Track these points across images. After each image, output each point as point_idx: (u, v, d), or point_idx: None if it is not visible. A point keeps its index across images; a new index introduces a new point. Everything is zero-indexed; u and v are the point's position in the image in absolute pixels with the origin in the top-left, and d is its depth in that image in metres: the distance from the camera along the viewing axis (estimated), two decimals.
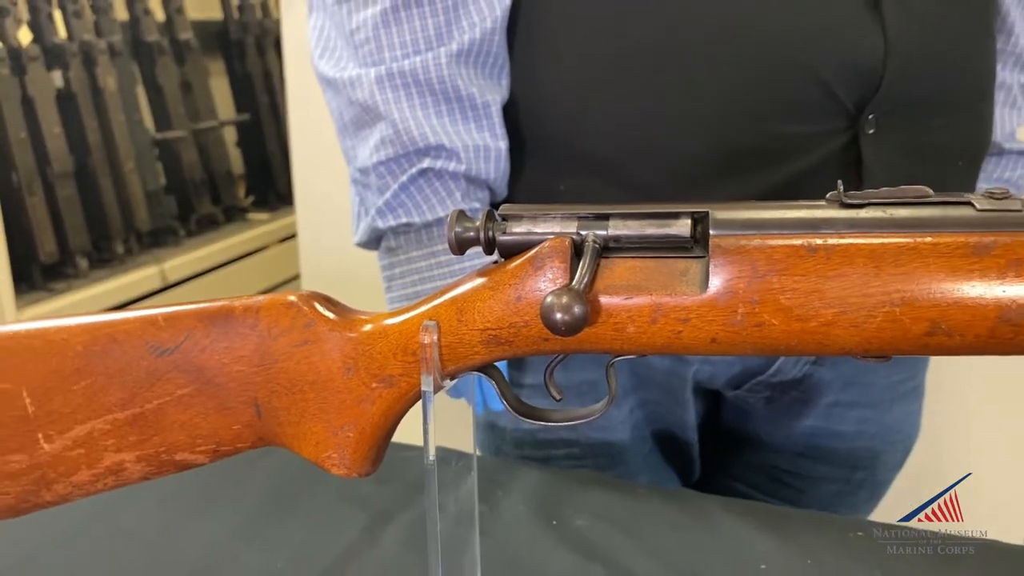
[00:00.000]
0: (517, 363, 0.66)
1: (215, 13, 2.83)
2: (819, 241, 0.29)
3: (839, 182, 0.31)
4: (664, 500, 0.59)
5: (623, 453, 0.69)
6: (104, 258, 2.32)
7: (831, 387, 0.68)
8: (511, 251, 0.33)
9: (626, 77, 0.56)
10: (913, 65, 0.57)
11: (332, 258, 1.59)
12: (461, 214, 0.33)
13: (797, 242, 0.29)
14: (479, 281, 0.34)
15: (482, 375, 0.35)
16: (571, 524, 0.55)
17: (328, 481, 0.61)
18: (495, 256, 0.42)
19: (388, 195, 0.59)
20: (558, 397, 0.35)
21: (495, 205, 0.60)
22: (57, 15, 2.25)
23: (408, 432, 0.55)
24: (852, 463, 0.74)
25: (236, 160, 2.87)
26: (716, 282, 0.30)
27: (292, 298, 0.37)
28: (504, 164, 0.60)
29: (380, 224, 0.60)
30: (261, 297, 0.37)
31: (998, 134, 0.76)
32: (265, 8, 2.98)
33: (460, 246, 0.34)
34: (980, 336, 0.28)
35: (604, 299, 0.31)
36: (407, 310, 0.35)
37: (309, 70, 1.62)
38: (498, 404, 0.61)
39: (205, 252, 2.57)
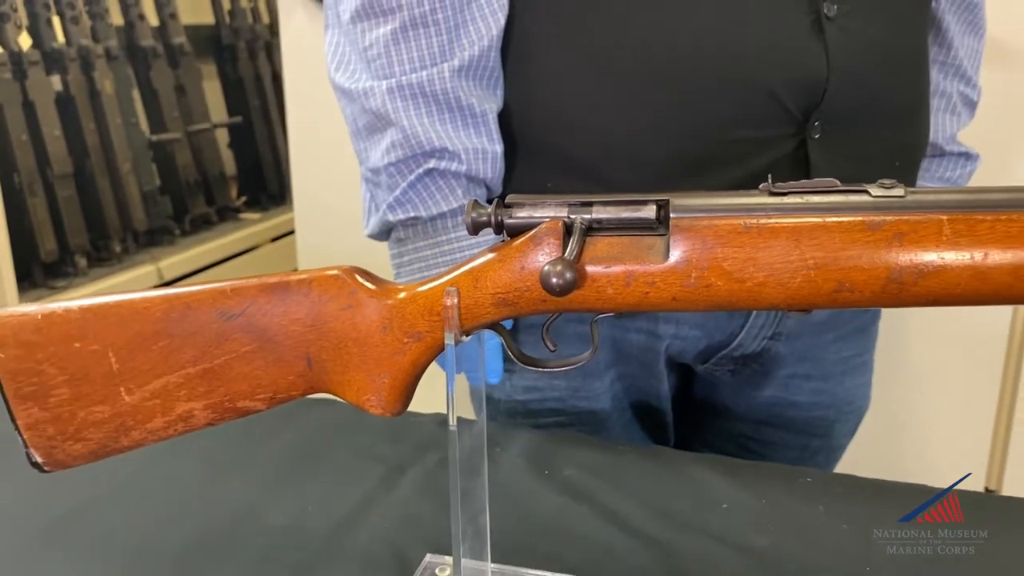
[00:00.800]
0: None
1: (207, 18, 2.90)
2: (752, 221, 0.38)
3: (768, 176, 0.40)
4: (640, 455, 0.68)
5: (605, 421, 0.78)
6: (102, 257, 2.39)
7: (787, 360, 0.78)
8: (515, 231, 0.42)
9: (604, 93, 0.65)
10: (852, 80, 0.66)
11: (328, 253, 1.67)
12: (476, 203, 0.42)
13: (736, 222, 0.38)
14: (490, 256, 0.43)
15: (496, 332, 0.44)
16: (560, 473, 0.64)
17: (346, 441, 0.70)
18: (490, 241, 0.50)
19: (398, 192, 0.68)
20: (552, 348, 0.44)
21: (490, 200, 0.69)
22: (56, 21, 2.31)
23: (415, 402, 0.63)
24: (809, 430, 0.83)
25: (228, 161, 2.93)
26: (675, 253, 0.39)
27: (337, 272, 0.45)
28: (500, 165, 0.68)
29: (391, 217, 0.69)
30: (313, 271, 0.45)
31: (940, 137, 0.85)
32: (256, 14, 3.05)
33: (475, 228, 0.42)
34: (875, 292, 0.37)
35: (589, 268, 0.40)
36: (433, 279, 0.44)
37: (306, 73, 1.71)
38: (495, 377, 0.70)
39: (199, 251, 2.64)
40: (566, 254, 0.39)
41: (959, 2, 0.84)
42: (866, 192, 0.38)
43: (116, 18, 2.53)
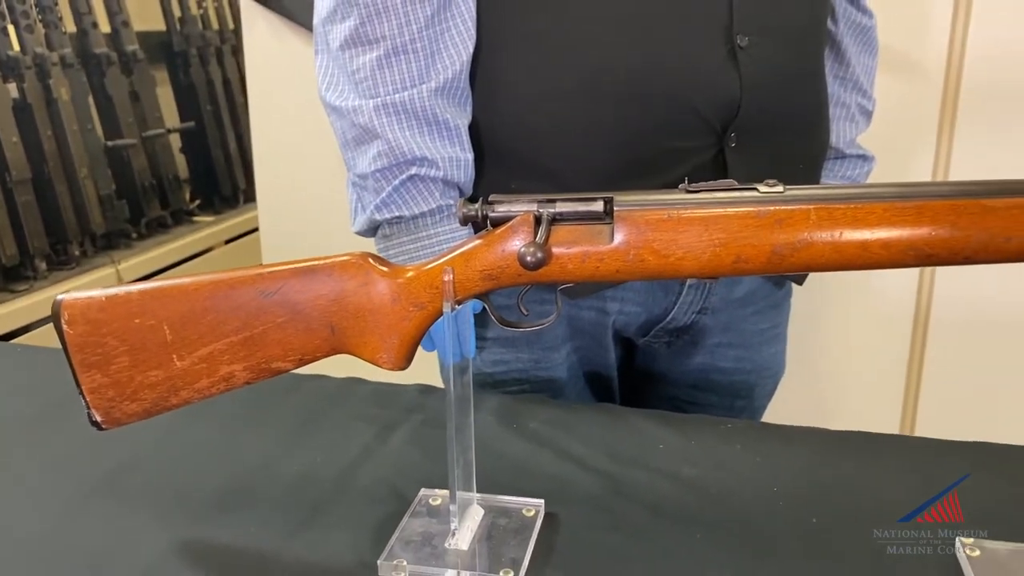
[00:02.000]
0: (482, 321, 0.87)
1: (158, 25, 2.95)
2: (674, 212, 0.51)
3: (686, 178, 0.53)
4: (592, 411, 0.81)
5: (562, 388, 0.91)
6: (62, 260, 2.44)
7: (713, 332, 0.92)
8: (497, 222, 0.55)
9: (558, 110, 0.78)
10: (761, 98, 0.80)
11: (291, 252, 1.77)
12: (466, 201, 0.55)
13: (662, 213, 0.51)
14: (478, 241, 0.55)
15: (482, 301, 0.57)
16: (527, 426, 0.77)
17: (341, 407, 0.81)
18: (462, 235, 0.63)
19: (384, 195, 0.80)
20: (526, 312, 0.57)
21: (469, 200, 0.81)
22: (11, 29, 2.35)
23: (395, 375, 0.75)
24: (733, 393, 0.97)
25: (181, 165, 2.99)
26: (618, 237, 0.52)
27: (354, 257, 0.57)
28: (471, 171, 0.81)
29: (378, 217, 0.81)
30: (335, 257, 0.57)
31: (841, 142, 1.00)
32: (206, 20, 3.11)
33: (465, 220, 0.55)
34: (763, 262, 0.50)
35: (554, 249, 0.53)
36: (432, 261, 0.56)
37: (268, 78, 1.80)
38: (471, 351, 0.82)
39: (156, 253, 2.69)
40: (537, 239, 0.52)
41: (854, 26, 0.99)
42: (755, 189, 0.51)
43: (69, 26, 2.57)
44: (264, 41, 1.71)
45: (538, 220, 0.53)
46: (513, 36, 0.80)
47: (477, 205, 0.54)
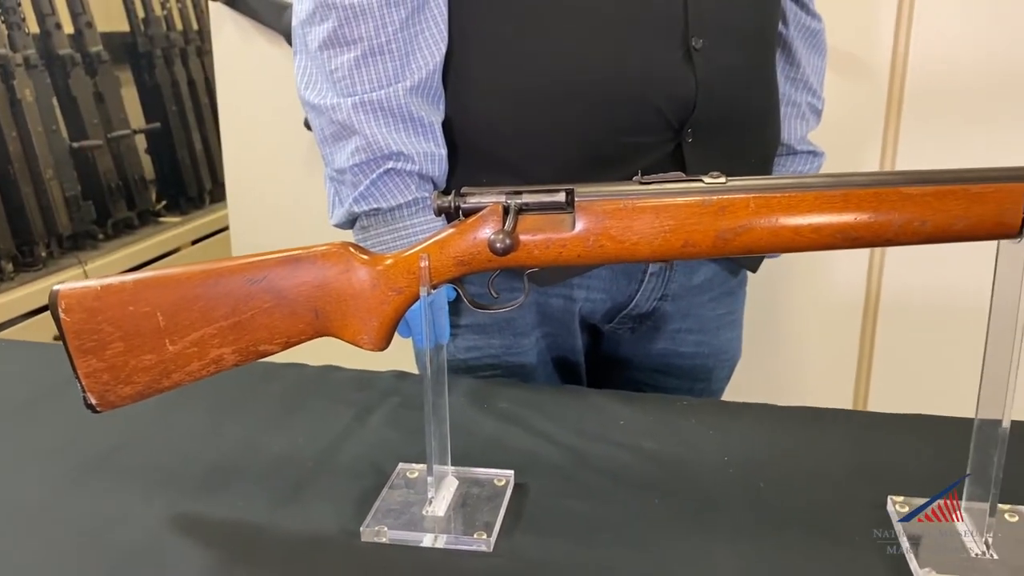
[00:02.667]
0: (455, 309, 0.92)
1: (122, 26, 2.95)
2: (629, 202, 0.56)
3: (639, 171, 0.58)
4: (558, 391, 0.86)
5: (532, 373, 0.96)
6: (28, 262, 2.43)
7: (673, 317, 0.97)
8: (469, 213, 0.59)
9: (525, 107, 0.83)
10: (715, 97, 0.86)
11: (262, 246, 1.81)
12: (441, 193, 0.59)
13: (618, 202, 0.57)
14: (451, 230, 0.60)
15: (454, 286, 0.61)
16: (496, 406, 0.82)
17: (319, 392, 0.86)
18: (435, 225, 0.68)
19: (362, 188, 0.84)
20: (496, 295, 0.62)
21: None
22: None
23: (371, 363, 0.80)
24: (693, 376, 1.03)
25: (148, 166, 2.99)
26: (579, 225, 0.57)
27: (336, 246, 0.62)
28: (444, 165, 0.85)
29: (356, 209, 0.85)
30: (317, 246, 0.62)
31: (792, 139, 1.06)
32: (170, 21, 3.11)
33: (439, 211, 0.59)
34: (708, 246, 0.56)
35: (521, 236, 0.58)
36: (409, 249, 0.61)
37: (237, 79, 1.82)
38: (444, 338, 0.87)
39: (123, 254, 2.70)
40: (505, 227, 0.57)
41: (804, 29, 1.05)
42: (701, 180, 0.57)
43: (33, 27, 2.56)
44: (232, 42, 1.74)
45: (506, 210, 0.58)
46: (482, 39, 0.85)
47: (450, 197, 0.59)
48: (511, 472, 0.69)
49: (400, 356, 0.87)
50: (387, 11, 0.81)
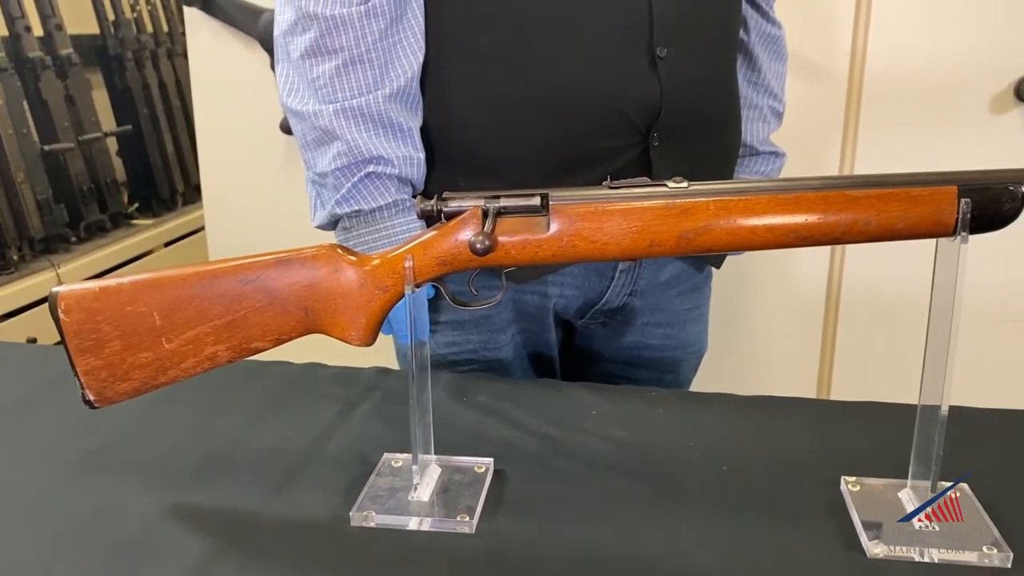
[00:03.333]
0: (435, 307, 0.96)
1: (92, 28, 2.94)
2: (599, 205, 0.61)
3: (608, 176, 0.63)
4: (533, 385, 0.91)
5: (508, 367, 1.00)
6: (0, 266, 2.43)
7: (642, 312, 1.02)
8: (450, 216, 0.63)
9: (501, 114, 0.87)
10: (679, 102, 0.90)
11: (238, 250, 1.83)
12: (423, 198, 0.63)
13: (589, 206, 0.61)
14: (434, 232, 0.64)
15: (437, 285, 0.65)
16: (476, 399, 0.86)
17: (305, 388, 0.89)
18: (415, 226, 0.72)
19: (343, 191, 0.88)
20: (475, 292, 0.66)
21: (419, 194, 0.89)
22: None
23: (353, 360, 0.83)
24: (661, 368, 1.08)
25: (119, 169, 2.99)
26: (553, 227, 0.62)
27: (325, 248, 0.65)
28: (423, 168, 0.89)
29: (338, 211, 0.89)
30: (307, 248, 0.65)
31: (755, 140, 1.12)
32: (140, 24, 3.11)
33: (423, 215, 0.63)
34: (672, 245, 0.60)
35: (500, 237, 0.62)
36: (394, 250, 0.65)
37: (212, 82, 1.84)
38: (424, 335, 0.90)
39: (96, 257, 2.70)
40: (485, 229, 0.61)
41: (765, 36, 1.11)
42: (665, 185, 0.62)
43: (1, 30, 2.55)
44: (207, 47, 1.76)
45: (485, 213, 0.62)
46: (458, 49, 0.89)
47: (432, 201, 0.63)
48: (491, 460, 0.73)
49: (380, 353, 0.90)
50: (366, 22, 0.85)
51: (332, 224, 0.91)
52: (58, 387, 0.89)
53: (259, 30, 1.70)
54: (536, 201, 0.62)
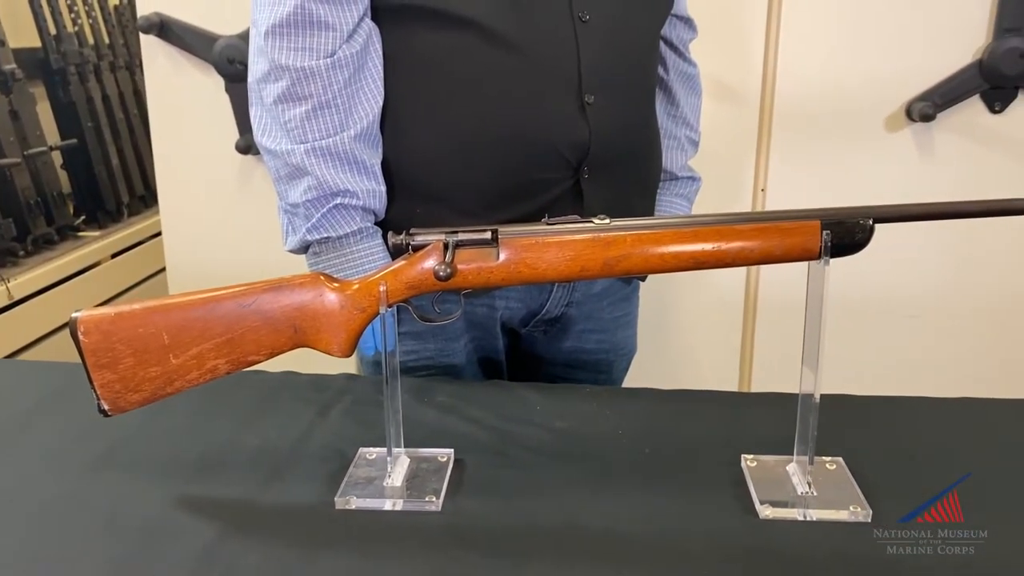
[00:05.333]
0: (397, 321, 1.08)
1: (34, 41, 2.96)
2: (539, 238, 0.75)
3: (546, 215, 0.77)
4: (485, 386, 1.04)
5: (461, 371, 1.13)
6: None
7: (579, 320, 1.16)
8: (417, 248, 0.77)
9: (451, 151, 1.00)
10: (606, 141, 1.04)
11: (195, 261, 1.92)
12: (393, 234, 0.76)
13: (531, 239, 0.75)
14: (403, 262, 0.77)
15: (405, 305, 0.78)
16: (435, 399, 0.99)
17: (283, 395, 1.01)
18: (377, 251, 0.87)
19: (314, 220, 1.00)
20: (438, 311, 0.79)
21: (383, 222, 1.02)
22: None
23: (322, 368, 0.95)
24: (597, 369, 1.22)
25: (65, 182, 3.02)
26: (502, 256, 0.75)
27: (311, 277, 0.78)
28: (384, 199, 1.02)
29: (309, 238, 1.01)
30: (296, 277, 0.78)
31: (674, 167, 1.26)
32: (81, 38, 3.13)
33: (394, 248, 0.76)
34: (599, 270, 0.74)
35: (458, 266, 0.75)
36: (369, 277, 0.78)
37: (169, 106, 1.91)
38: (392, 344, 1.03)
39: (45, 270, 2.73)
40: (446, 260, 0.74)
41: (682, 74, 1.26)
42: (592, 221, 0.76)
43: None
44: (164, 72, 1.85)
45: (446, 246, 0.76)
46: (413, 95, 1.01)
47: (402, 236, 0.76)
48: (451, 450, 0.87)
49: (338, 362, 1.02)
50: (332, 73, 0.97)
51: (303, 249, 1.03)
52: (60, 400, 0.99)
53: (214, 55, 1.79)
54: (488, 235, 0.76)
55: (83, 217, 3.07)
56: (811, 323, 0.77)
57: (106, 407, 0.79)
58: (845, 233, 0.73)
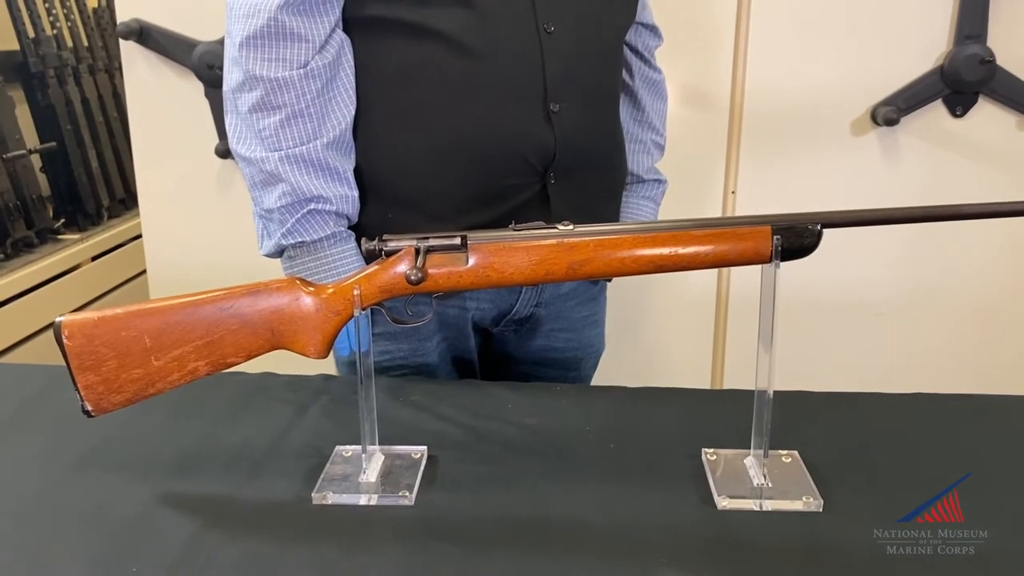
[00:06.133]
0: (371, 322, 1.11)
1: (12, 44, 2.97)
2: (506, 243, 0.78)
3: (512, 221, 0.80)
4: (458, 384, 1.08)
5: (434, 371, 1.17)
6: None
7: (547, 319, 1.20)
8: (390, 253, 0.80)
9: (421, 158, 1.04)
10: (571, 147, 1.08)
11: (175, 263, 1.94)
12: (367, 240, 0.80)
13: (499, 245, 0.78)
14: (377, 267, 0.80)
15: (378, 308, 0.82)
16: (409, 398, 1.02)
17: (261, 395, 1.04)
18: (350, 253, 0.90)
19: (288, 225, 1.03)
20: (411, 313, 0.83)
21: (356, 227, 1.05)
22: None
23: (300, 369, 0.99)
24: (566, 367, 1.26)
25: (44, 185, 3.02)
26: (471, 261, 0.79)
27: (287, 281, 0.81)
28: (357, 204, 1.05)
29: (284, 242, 1.04)
30: (273, 282, 0.81)
31: (640, 169, 1.31)
32: (60, 41, 3.14)
33: (367, 253, 0.80)
34: (563, 274, 0.78)
35: (430, 270, 0.79)
36: (344, 281, 0.81)
37: (149, 111, 1.94)
38: (365, 346, 1.06)
39: (24, 273, 2.74)
40: (417, 264, 0.78)
41: (647, 80, 1.30)
42: (556, 227, 0.80)
43: None
44: (144, 77, 1.87)
45: (418, 251, 0.79)
46: (383, 104, 1.05)
47: (375, 242, 0.80)
48: (424, 447, 0.90)
49: (322, 363, 1.06)
50: (305, 83, 1.00)
51: (278, 253, 1.06)
52: (42, 402, 1.02)
53: (194, 61, 1.82)
54: (458, 241, 0.79)
55: (63, 220, 3.07)
56: (764, 322, 0.81)
57: (89, 408, 0.82)
58: (795, 238, 0.78)
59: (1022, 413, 0.99)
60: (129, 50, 1.84)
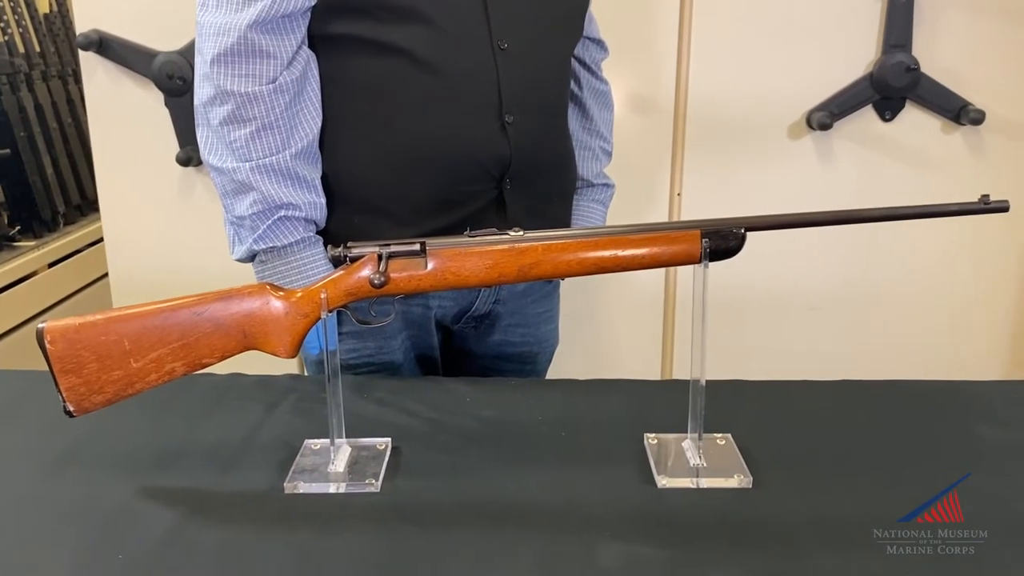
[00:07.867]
0: (338, 322, 1.18)
1: None
2: (462, 248, 0.85)
3: (468, 227, 0.87)
4: (420, 381, 1.14)
5: (399, 368, 1.23)
6: None
7: (505, 316, 1.27)
8: (354, 259, 0.86)
9: (384, 166, 1.11)
10: (525, 155, 1.15)
11: (135, 262, 1.98)
12: (332, 246, 0.86)
13: (456, 250, 0.86)
14: (342, 272, 0.87)
15: (344, 310, 0.88)
16: (374, 395, 1.09)
17: (232, 395, 1.10)
18: (319, 258, 0.97)
19: (259, 232, 1.08)
20: (374, 314, 0.89)
21: (323, 231, 1.12)
22: None
23: (268, 369, 1.04)
24: (522, 361, 1.34)
25: None
26: (430, 265, 0.86)
27: (258, 287, 0.87)
28: (324, 211, 1.11)
29: (255, 247, 1.10)
30: (245, 287, 0.87)
31: (590, 174, 1.39)
32: (11, 47, 3.12)
33: (333, 259, 0.86)
34: (515, 275, 0.85)
35: (391, 274, 0.86)
36: (312, 286, 0.87)
37: (109, 120, 1.97)
38: (332, 345, 1.13)
39: None
40: (380, 269, 0.85)
41: (595, 91, 1.38)
42: (507, 233, 0.87)
43: None
44: (104, 87, 1.90)
45: (380, 257, 0.86)
46: (349, 115, 1.11)
47: (340, 249, 0.86)
48: (389, 439, 0.97)
49: (288, 362, 1.11)
50: (274, 97, 1.06)
51: (250, 258, 1.12)
52: (20, 405, 1.06)
53: (153, 71, 1.85)
54: (417, 247, 0.86)
55: (18, 227, 3.07)
56: (696, 317, 0.89)
57: (71, 408, 0.87)
58: (721, 240, 0.86)
59: (942, 397, 1.08)
60: (88, 60, 1.87)
